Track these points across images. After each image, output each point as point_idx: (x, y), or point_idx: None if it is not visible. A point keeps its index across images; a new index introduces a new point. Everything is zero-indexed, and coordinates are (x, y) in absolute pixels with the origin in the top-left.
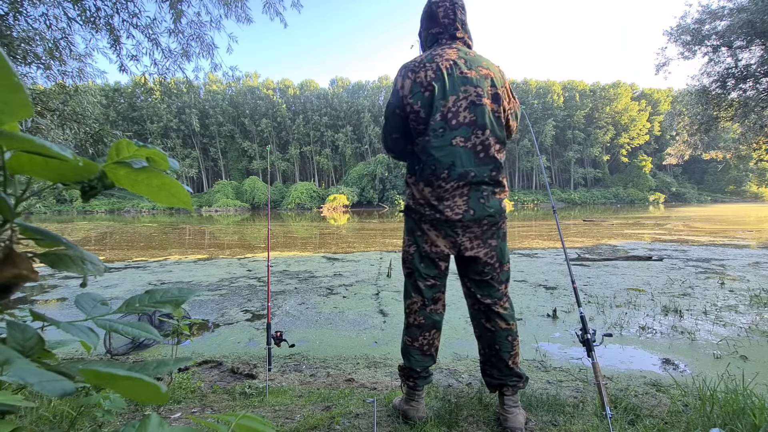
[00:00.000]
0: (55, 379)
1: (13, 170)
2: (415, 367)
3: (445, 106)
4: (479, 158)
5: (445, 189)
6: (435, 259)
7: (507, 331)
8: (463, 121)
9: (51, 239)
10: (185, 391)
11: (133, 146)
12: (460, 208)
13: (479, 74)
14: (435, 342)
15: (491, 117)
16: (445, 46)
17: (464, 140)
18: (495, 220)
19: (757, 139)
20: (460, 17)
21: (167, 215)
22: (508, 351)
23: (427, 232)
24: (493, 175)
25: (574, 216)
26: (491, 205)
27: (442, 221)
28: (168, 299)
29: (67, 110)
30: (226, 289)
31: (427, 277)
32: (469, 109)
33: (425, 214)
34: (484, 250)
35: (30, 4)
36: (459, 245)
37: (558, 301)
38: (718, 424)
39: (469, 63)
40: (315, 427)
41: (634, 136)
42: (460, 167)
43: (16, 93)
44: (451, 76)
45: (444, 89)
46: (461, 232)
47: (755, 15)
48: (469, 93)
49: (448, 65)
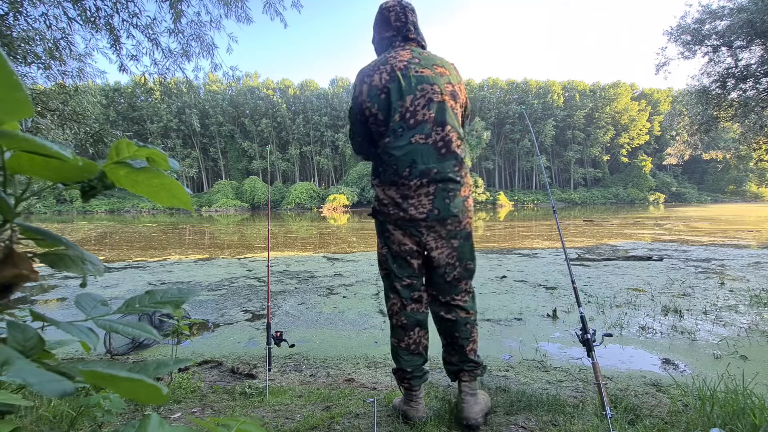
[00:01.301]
0: (55, 379)
1: (13, 170)
2: (406, 367)
3: (402, 106)
4: (441, 154)
5: (409, 187)
6: (406, 257)
7: (466, 319)
8: (422, 119)
9: (51, 239)
10: (185, 391)
11: (133, 146)
12: (425, 207)
13: (435, 72)
14: (422, 340)
15: (450, 113)
16: (399, 48)
17: (424, 138)
18: (459, 219)
19: (757, 139)
20: (411, 19)
21: (167, 215)
22: (466, 338)
23: (393, 233)
24: (456, 170)
25: (574, 216)
26: (456, 204)
27: (407, 220)
28: (168, 300)
29: (67, 110)
30: (226, 289)
31: (402, 277)
32: (428, 106)
33: (390, 213)
34: (447, 250)
35: (30, 4)
36: (424, 244)
37: (558, 301)
38: (718, 424)
39: (423, 62)
40: (315, 427)
41: (634, 136)
42: (422, 164)
43: (16, 92)
44: (407, 77)
45: (400, 90)
46: (426, 232)
47: (755, 15)
48: (426, 91)
49: (403, 66)
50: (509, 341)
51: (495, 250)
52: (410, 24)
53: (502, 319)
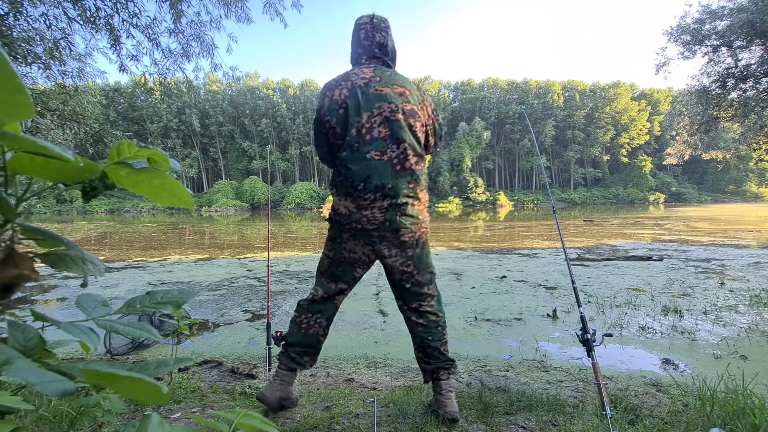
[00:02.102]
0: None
1: (15, 170)
2: (288, 337)
3: (359, 122)
4: (396, 171)
5: (364, 199)
6: (353, 264)
7: (436, 322)
8: (377, 135)
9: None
10: (185, 391)
11: (134, 147)
12: (377, 219)
13: (394, 91)
14: (316, 327)
15: (407, 131)
16: (363, 66)
17: (379, 154)
18: (412, 230)
19: (757, 139)
20: (378, 40)
21: (167, 215)
22: (439, 340)
23: (347, 240)
24: (411, 187)
25: (574, 216)
26: (408, 217)
27: (360, 230)
28: (168, 300)
29: (67, 110)
30: (226, 289)
31: (340, 281)
32: (384, 124)
33: (345, 222)
34: (401, 259)
35: (30, 4)
36: (377, 252)
37: (558, 301)
38: (718, 424)
39: (384, 81)
40: (315, 427)
41: (634, 136)
42: (377, 180)
43: (18, 94)
44: (366, 94)
45: (358, 106)
46: (378, 241)
47: (755, 15)
48: (384, 109)
49: (363, 83)
50: (509, 341)
51: (495, 250)
52: (376, 45)
53: (502, 319)
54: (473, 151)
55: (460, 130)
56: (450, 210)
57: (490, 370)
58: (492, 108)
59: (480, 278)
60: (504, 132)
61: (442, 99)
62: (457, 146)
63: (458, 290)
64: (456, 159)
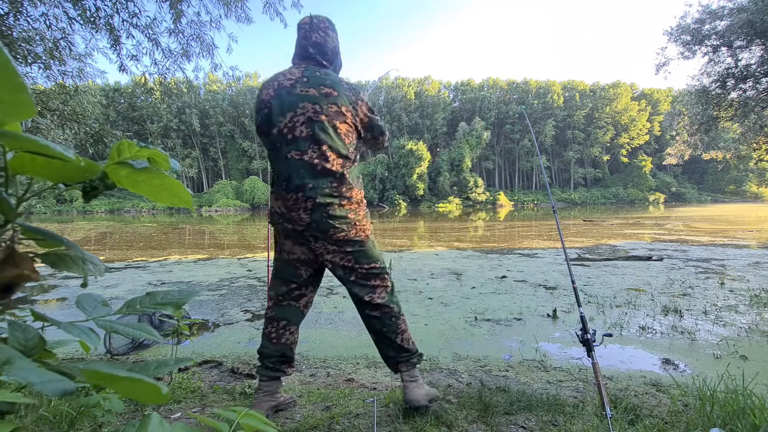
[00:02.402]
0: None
1: (15, 170)
2: (261, 350)
3: (282, 122)
4: (317, 171)
5: (289, 200)
6: (296, 264)
7: (389, 313)
8: (299, 135)
9: (52, 239)
10: (185, 390)
11: (135, 147)
12: (303, 220)
13: (320, 92)
14: (285, 334)
15: (331, 133)
16: (294, 66)
17: (300, 154)
18: (342, 230)
19: (757, 139)
20: (315, 39)
21: (167, 215)
22: (394, 331)
23: (285, 241)
24: (334, 187)
25: (574, 216)
26: (336, 217)
27: (291, 230)
28: (168, 301)
29: (67, 110)
30: (226, 289)
31: (288, 282)
32: (306, 124)
33: (279, 223)
34: (339, 255)
35: (30, 4)
36: (314, 251)
37: (558, 301)
38: (718, 424)
39: (312, 82)
40: (315, 427)
41: (634, 136)
42: (297, 180)
43: (20, 93)
44: (291, 94)
45: (281, 106)
46: (313, 241)
47: (755, 15)
48: (307, 109)
49: (289, 84)
50: (509, 341)
51: (495, 250)
52: (311, 44)
53: (502, 319)
54: (473, 151)
55: (460, 130)
56: (450, 210)
57: (490, 370)
58: (492, 108)
59: (480, 278)
60: (504, 132)
61: (442, 99)
62: (457, 146)
63: (458, 290)
64: (456, 159)
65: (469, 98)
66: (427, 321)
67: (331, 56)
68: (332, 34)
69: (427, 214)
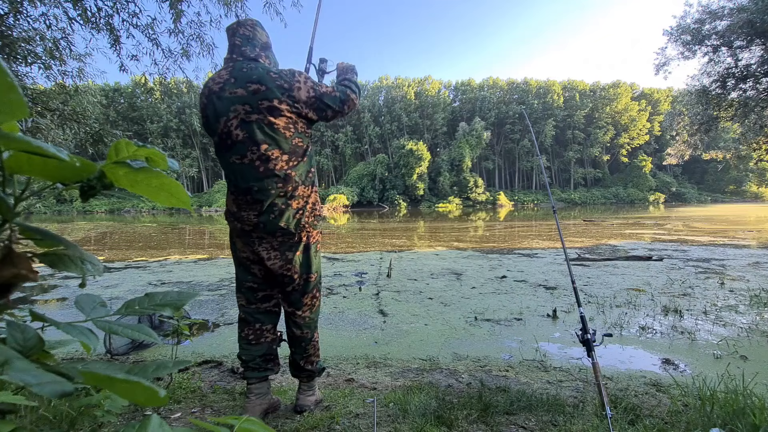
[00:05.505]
0: (55, 380)
1: (12, 170)
2: (241, 355)
3: (219, 129)
4: (260, 173)
5: (240, 201)
6: (247, 263)
7: (301, 338)
8: (236, 139)
9: (51, 239)
10: (185, 391)
11: (133, 146)
12: (251, 221)
13: (248, 90)
14: (264, 334)
15: (268, 131)
16: (222, 69)
17: (240, 157)
18: (290, 232)
19: (757, 139)
20: (241, 32)
21: (167, 215)
22: (300, 354)
23: (236, 240)
24: (279, 187)
25: (574, 216)
26: (284, 219)
27: (240, 230)
28: (167, 302)
29: (67, 110)
30: (226, 289)
31: (245, 281)
32: (241, 127)
33: (230, 221)
34: (279, 262)
35: (30, 4)
36: (258, 254)
37: (558, 301)
38: (718, 424)
39: (238, 81)
40: (315, 427)
41: (634, 136)
42: (243, 183)
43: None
44: (221, 99)
45: (215, 112)
46: (257, 242)
47: (755, 15)
48: (239, 112)
49: (218, 88)
50: (509, 341)
51: (495, 250)
52: (238, 36)
53: (502, 319)
54: (473, 151)
55: (460, 130)
56: (450, 210)
57: (490, 370)
58: (492, 108)
59: (480, 278)
60: (504, 132)
61: (442, 99)
62: (457, 146)
63: (458, 290)
64: (456, 159)
65: (469, 98)
66: (427, 321)
67: (261, 48)
68: (261, 31)
69: (427, 214)
